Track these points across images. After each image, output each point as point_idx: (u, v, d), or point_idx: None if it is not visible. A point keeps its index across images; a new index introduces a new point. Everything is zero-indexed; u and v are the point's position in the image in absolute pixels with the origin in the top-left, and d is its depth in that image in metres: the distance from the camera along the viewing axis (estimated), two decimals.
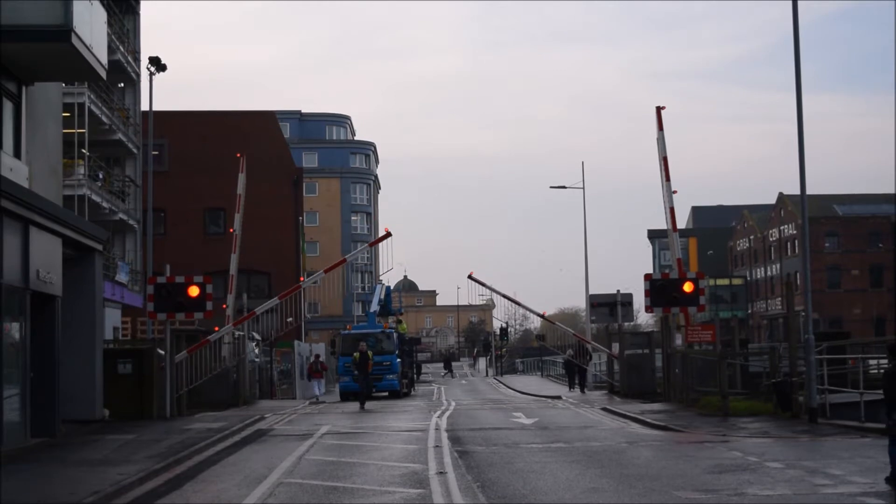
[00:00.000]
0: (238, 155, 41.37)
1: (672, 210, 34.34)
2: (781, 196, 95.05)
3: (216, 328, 33.63)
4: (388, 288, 60.87)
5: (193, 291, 27.87)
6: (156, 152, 46.49)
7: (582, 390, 40.42)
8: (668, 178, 34.16)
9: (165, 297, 27.97)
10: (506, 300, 41.84)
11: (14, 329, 19.79)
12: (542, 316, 44.55)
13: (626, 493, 13.88)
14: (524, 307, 45.12)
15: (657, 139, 34.90)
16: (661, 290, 30.34)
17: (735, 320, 55.99)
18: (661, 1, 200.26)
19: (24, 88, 21.58)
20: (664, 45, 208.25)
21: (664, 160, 34.37)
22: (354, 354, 35.15)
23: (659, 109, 34.95)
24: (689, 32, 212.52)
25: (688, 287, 30.22)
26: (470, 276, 40.01)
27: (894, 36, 47.31)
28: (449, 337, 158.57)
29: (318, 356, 46.79)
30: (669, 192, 34.18)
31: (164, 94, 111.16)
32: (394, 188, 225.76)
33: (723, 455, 17.66)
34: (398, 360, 42.99)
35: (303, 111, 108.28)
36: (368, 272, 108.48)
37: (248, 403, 33.89)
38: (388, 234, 37.57)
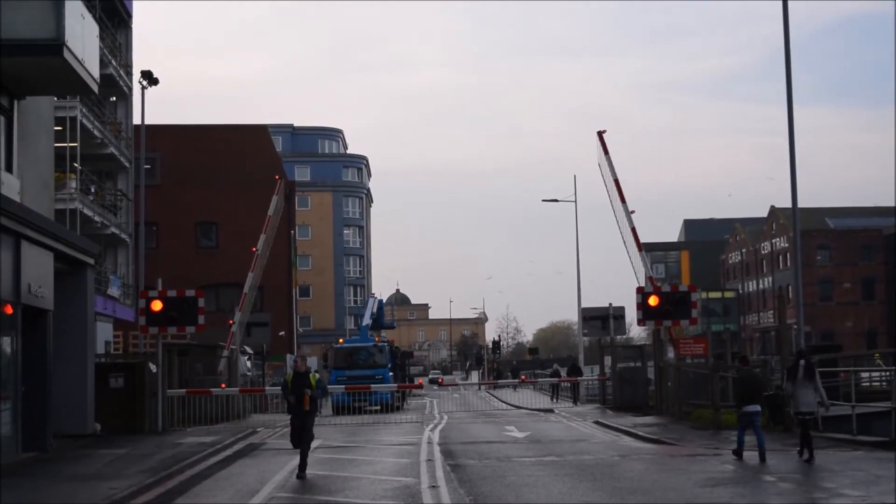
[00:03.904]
0: (276, 177, 41.20)
1: (634, 231, 33.51)
2: (773, 209, 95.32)
3: (223, 385, 33.58)
4: (380, 301, 60.94)
5: (185, 305, 27.79)
6: (148, 166, 46.42)
7: (574, 402, 40.49)
8: (623, 200, 33.54)
9: (157, 310, 27.90)
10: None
11: (5, 343, 19.72)
12: (521, 380, 53.66)
13: None
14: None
15: (605, 163, 34.25)
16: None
17: (727, 333, 56.03)
18: (657, 12, 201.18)
19: (15, 102, 21.56)
20: (658, 58, 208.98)
21: (616, 182, 33.80)
22: (287, 376, 19.42)
23: (600, 134, 34.68)
24: (684, 46, 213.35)
25: (679, 300, 30.19)
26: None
27: (894, 49, 47.55)
28: (441, 350, 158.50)
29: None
30: (628, 213, 33.52)
31: (156, 108, 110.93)
32: (386, 201, 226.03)
33: (715, 468, 17.67)
34: (390, 373, 42.94)
35: (295, 125, 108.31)
36: (361, 285, 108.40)
37: (241, 417, 33.78)
38: None
